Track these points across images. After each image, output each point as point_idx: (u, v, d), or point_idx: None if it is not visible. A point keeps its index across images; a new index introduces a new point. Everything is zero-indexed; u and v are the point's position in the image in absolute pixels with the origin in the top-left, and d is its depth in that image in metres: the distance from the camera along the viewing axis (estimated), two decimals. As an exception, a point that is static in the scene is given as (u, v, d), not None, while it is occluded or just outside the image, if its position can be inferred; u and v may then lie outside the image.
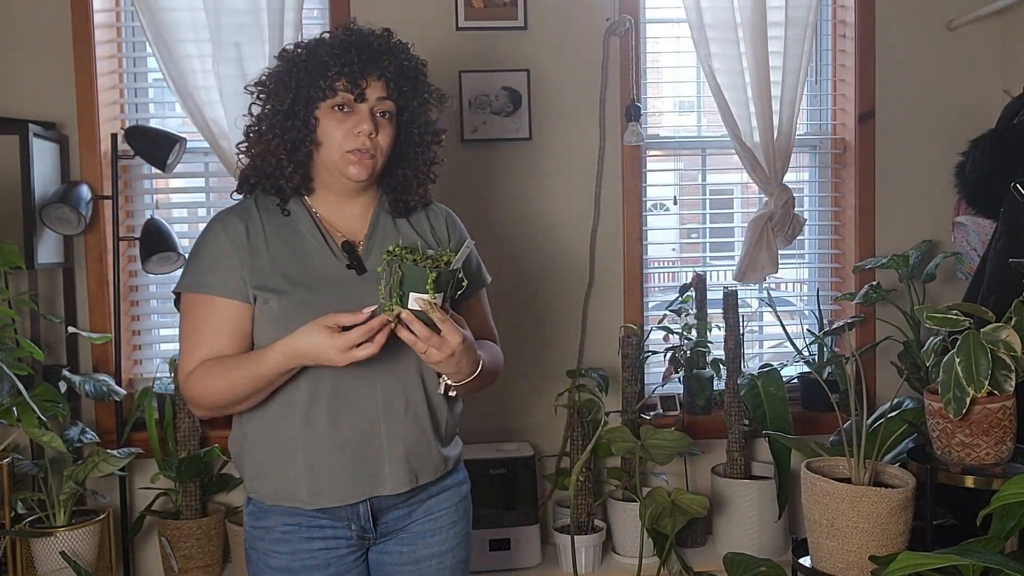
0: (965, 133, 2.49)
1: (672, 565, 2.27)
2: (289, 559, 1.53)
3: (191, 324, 1.52)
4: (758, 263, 2.67)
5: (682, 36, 2.80)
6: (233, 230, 1.51)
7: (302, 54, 1.52)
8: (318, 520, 1.54)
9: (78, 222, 2.46)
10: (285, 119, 1.50)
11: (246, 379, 1.45)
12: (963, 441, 1.84)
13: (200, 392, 1.49)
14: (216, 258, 1.50)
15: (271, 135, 1.51)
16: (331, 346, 1.36)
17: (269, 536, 1.54)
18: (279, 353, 1.42)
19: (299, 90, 1.49)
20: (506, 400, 2.77)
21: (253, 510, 1.58)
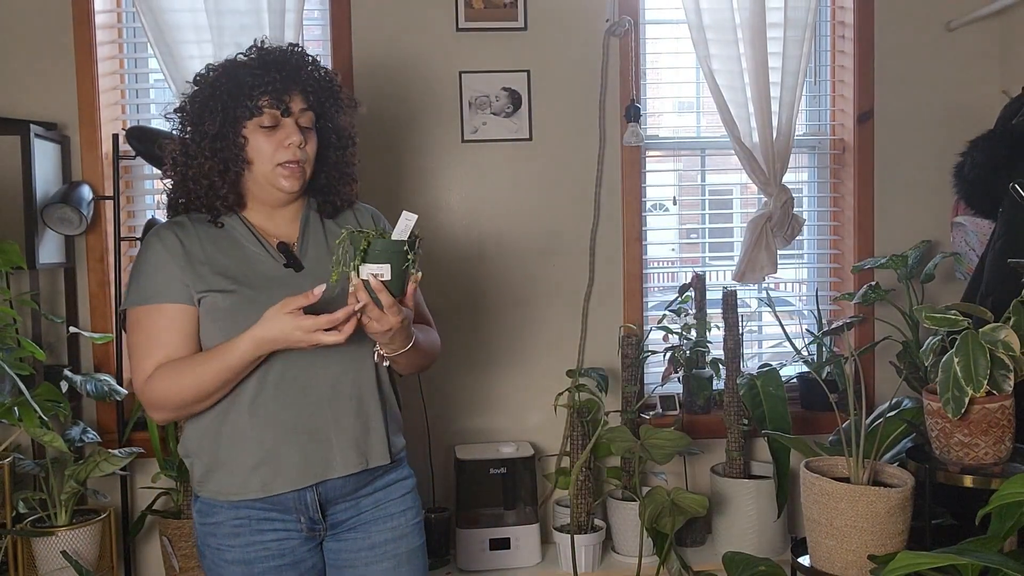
0: (964, 134, 2.49)
1: (672, 564, 2.28)
2: (242, 551, 1.56)
3: (142, 334, 1.55)
4: (757, 263, 2.68)
5: (681, 37, 2.81)
6: (169, 241, 1.56)
7: (220, 77, 1.57)
8: (267, 513, 1.57)
9: (79, 222, 2.46)
10: (214, 141, 1.55)
11: (214, 372, 1.49)
12: (962, 441, 1.85)
13: (163, 394, 1.52)
14: (157, 269, 1.55)
15: (202, 158, 1.56)
16: (296, 327, 1.42)
17: (220, 531, 1.57)
18: (248, 341, 1.46)
19: (225, 112, 1.54)
20: (506, 400, 2.78)
21: (202, 508, 1.60)
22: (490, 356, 2.76)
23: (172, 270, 1.55)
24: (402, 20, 2.68)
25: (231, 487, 1.56)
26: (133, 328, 1.56)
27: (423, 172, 2.72)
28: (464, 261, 2.74)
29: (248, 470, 1.55)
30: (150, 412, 1.57)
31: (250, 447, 1.55)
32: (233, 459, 1.56)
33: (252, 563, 1.56)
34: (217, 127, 1.54)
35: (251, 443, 1.55)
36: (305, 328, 1.42)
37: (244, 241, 1.61)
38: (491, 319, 2.76)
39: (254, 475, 1.55)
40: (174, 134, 1.62)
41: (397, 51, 2.69)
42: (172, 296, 1.54)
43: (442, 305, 2.73)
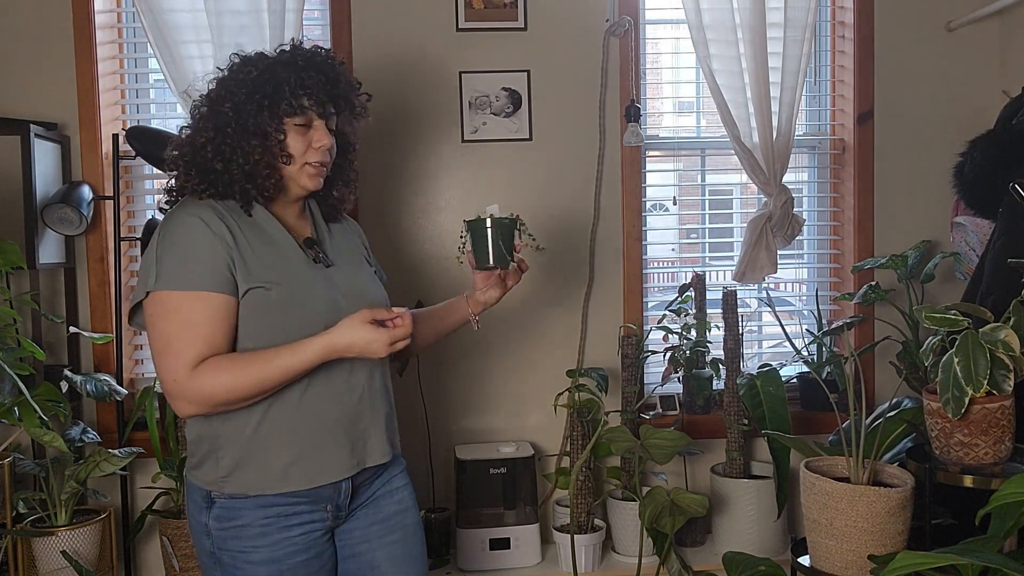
0: (964, 134, 2.49)
1: (672, 564, 2.28)
2: (271, 551, 1.55)
3: (182, 322, 1.48)
4: (757, 263, 2.68)
5: (682, 37, 2.81)
6: (216, 227, 1.52)
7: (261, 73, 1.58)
8: (296, 508, 1.57)
9: (79, 222, 2.46)
10: (259, 135, 1.56)
11: (280, 372, 1.49)
12: (962, 441, 1.85)
13: (214, 388, 1.47)
14: (205, 254, 1.50)
15: (249, 148, 1.56)
16: (375, 339, 1.50)
17: (246, 533, 1.54)
18: (321, 347, 1.50)
19: (271, 108, 1.56)
20: (506, 400, 2.78)
21: (221, 512, 1.55)
22: (490, 356, 2.76)
23: (221, 258, 1.51)
24: (402, 20, 2.69)
25: (266, 481, 1.54)
26: (169, 314, 1.48)
27: (423, 172, 2.72)
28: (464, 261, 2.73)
29: (288, 463, 1.55)
30: (183, 404, 1.50)
31: (293, 440, 1.55)
32: (272, 452, 1.55)
33: (281, 560, 1.55)
34: (264, 120, 1.56)
35: (295, 437, 1.56)
36: (384, 342, 1.50)
37: (275, 234, 1.60)
38: (491, 319, 2.75)
39: (296, 468, 1.55)
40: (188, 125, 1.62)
41: (397, 51, 2.69)
42: (220, 286, 1.50)
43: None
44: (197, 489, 1.59)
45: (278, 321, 1.53)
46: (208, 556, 1.58)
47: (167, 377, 1.49)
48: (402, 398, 2.68)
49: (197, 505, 1.59)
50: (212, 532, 1.56)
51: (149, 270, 1.51)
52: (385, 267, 2.70)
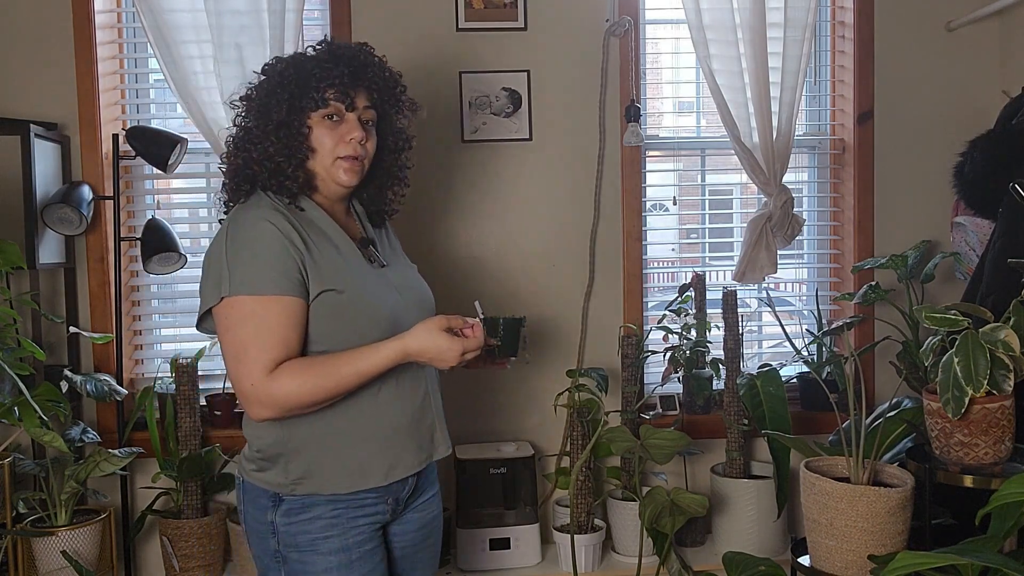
0: (964, 134, 2.49)
1: (672, 564, 2.28)
2: (341, 540, 1.57)
3: (259, 326, 1.47)
4: (757, 263, 2.68)
5: (682, 37, 2.81)
6: (285, 229, 1.52)
7: (288, 68, 1.61)
8: (361, 501, 1.59)
9: (79, 222, 2.46)
10: (278, 128, 1.57)
11: (356, 374, 1.51)
12: (962, 441, 1.85)
13: (294, 392, 1.48)
14: (276, 256, 1.50)
15: (267, 143, 1.57)
16: (449, 348, 1.52)
17: (315, 525, 1.56)
18: (393, 351, 1.52)
19: (291, 101, 1.57)
20: (506, 400, 2.78)
21: (290, 508, 1.57)
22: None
23: (293, 261, 1.51)
24: (402, 20, 2.69)
25: (342, 481, 1.57)
26: (245, 318, 1.48)
27: (423, 172, 2.72)
28: (464, 261, 2.74)
29: (364, 461, 1.58)
30: (259, 409, 1.49)
31: (369, 440, 1.58)
32: (348, 453, 1.57)
33: (351, 549, 1.58)
34: (283, 115, 1.57)
35: (370, 436, 1.58)
36: (457, 351, 1.52)
37: (334, 235, 1.61)
38: (491, 319, 2.76)
39: (372, 465, 1.58)
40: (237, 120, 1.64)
41: (397, 51, 2.67)
42: (293, 289, 1.50)
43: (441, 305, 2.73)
44: (260, 491, 1.59)
45: (348, 323, 1.54)
46: (271, 556, 1.59)
47: (244, 382, 1.48)
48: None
49: (259, 506, 1.59)
50: (279, 529, 1.57)
51: (220, 274, 1.50)
52: (385, 267, 2.72)
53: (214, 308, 1.52)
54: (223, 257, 1.51)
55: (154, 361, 2.76)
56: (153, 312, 2.80)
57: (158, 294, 2.79)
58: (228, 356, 1.51)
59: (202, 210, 2.86)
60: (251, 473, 1.61)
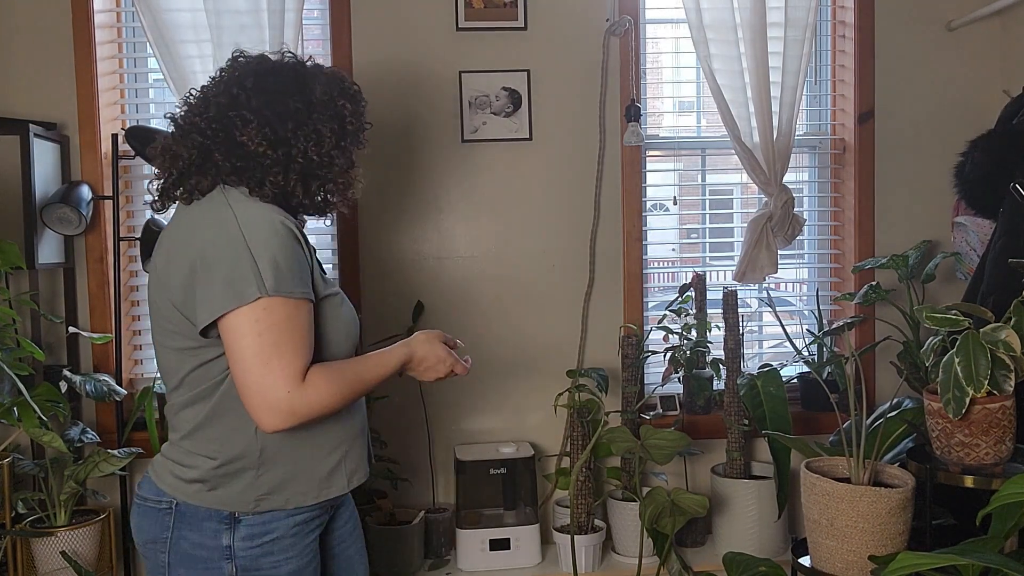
0: (964, 133, 2.49)
1: (672, 565, 2.28)
2: (299, 559, 1.53)
3: (296, 330, 1.41)
4: (758, 263, 2.68)
5: (682, 36, 2.81)
6: (301, 235, 1.48)
7: (360, 97, 1.62)
8: (315, 512, 1.56)
9: (79, 222, 2.46)
10: (352, 155, 1.61)
11: (374, 380, 1.53)
12: (962, 441, 1.85)
13: (326, 399, 1.43)
14: (301, 262, 1.46)
15: (349, 165, 1.60)
16: (446, 359, 1.59)
17: (277, 546, 1.50)
18: (403, 356, 1.57)
19: (356, 134, 1.61)
20: (506, 400, 2.77)
21: (250, 531, 1.48)
22: (490, 356, 2.75)
23: (308, 264, 1.48)
24: (402, 20, 2.68)
25: (310, 491, 1.52)
26: (274, 323, 1.38)
27: (423, 172, 2.72)
28: (464, 261, 2.74)
29: (331, 469, 1.55)
30: (285, 419, 1.40)
31: (338, 446, 1.56)
32: (319, 461, 1.53)
33: (305, 568, 1.54)
34: (357, 140, 1.62)
35: (339, 442, 1.56)
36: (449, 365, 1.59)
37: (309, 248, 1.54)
38: (491, 319, 2.76)
39: (339, 472, 1.56)
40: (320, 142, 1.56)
41: (397, 51, 2.69)
42: (308, 291, 1.45)
43: (441, 305, 2.73)
44: (211, 513, 1.47)
45: (336, 331, 1.53)
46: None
47: (279, 391, 1.38)
48: (402, 399, 2.68)
49: (208, 531, 1.47)
50: (238, 554, 1.47)
51: (247, 272, 1.39)
52: (385, 267, 2.72)
53: (240, 310, 1.39)
54: (246, 252, 1.40)
55: (153, 361, 2.74)
56: (153, 312, 2.79)
57: (158, 294, 2.78)
58: (255, 360, 1.38)
59: (202, 210, 2.86)
60: (197, 494, 1.47)
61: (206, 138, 1.49)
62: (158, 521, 1.49)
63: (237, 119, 1.49)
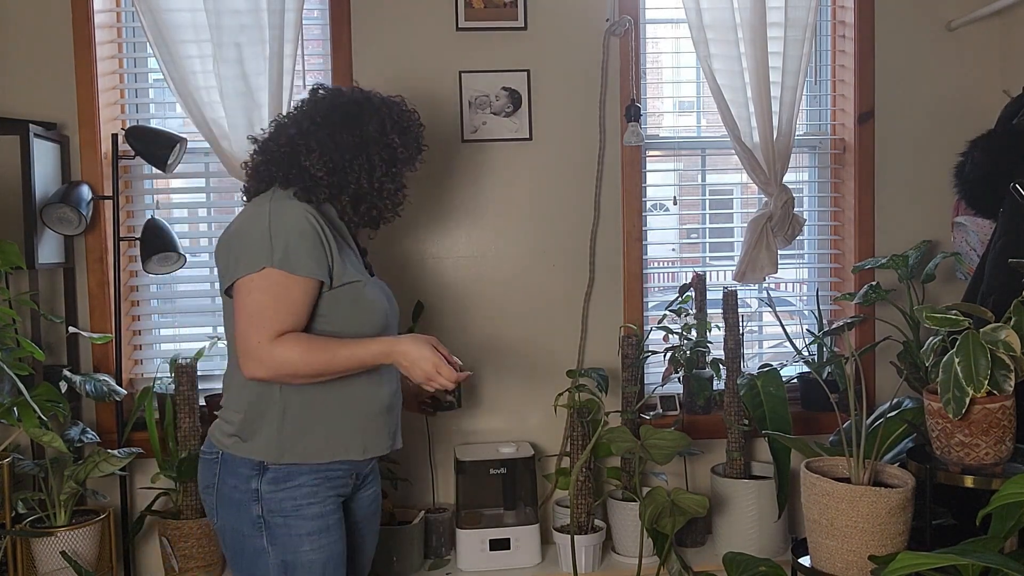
0: (964, 133, 2.49)
1: (672, 565, 2.28)
2: (320, 506, 1.75)
3: (276, 297, 1.66)
4: (758, 263, 2.67)
5: (682, 36, 2.81)
6: (319, 222, 1.72)
7: (411, 140, 1.88)
8: (335, 472, 1.78)
9: (79, 222, 2.46)
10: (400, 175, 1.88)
11: (345, 360, 1.69)
12: (962, 441, 1.85)
13: (287, 359, 1.65)
14: (311, 243, 1.69)
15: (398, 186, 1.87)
16: (429, 359, 1.71)
17: (299, 492, 1.73)
18: (384, 345, 1.72)
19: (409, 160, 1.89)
20: (506, 400, 2.77)
21: (276, 476, 1.73)
22: (490, 356, 2.75)
23: (323, 249, 1.71)
24: (402, 20, 2.68)
25: (326, 450, 1.75)
26: (270, 287, 1.66)
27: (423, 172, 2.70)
28: (464, 260, 2.74)
29: (347, 436, 1.77)
30: (255, 366, 1.66)
31: (354, 417, 1.78)
32: (335, 426, 1.76)
33: (327, 516, 1.76)
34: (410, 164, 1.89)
35: (356, 414, 1.78)
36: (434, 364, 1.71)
37: (344, 234, 1.84)
38: (491, 319, 2.76)
39: (354, 441, 1.78)
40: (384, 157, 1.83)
41: (397, 51, 2.69)
42: (318, 272, 1.70)
43: (441, 305, 2.73)
44: (245, 461, 1.73)
45: (360, 312, 1.77)
46: (252, 524, 1.73)
47: (251, 340, 1.65)
48: (402, 398, 2.67)
49: (243, 476, 1.73)
50: (264, 496, 1.72)
51: (263, 247, 1.66)
52: (385, 267, 2.71)
53: (249, 276, 1.67)
54: (267, 234, 1.68)
55: (153, 361, 2.75)
56: (152, 312, 2.80)
57: (157, 294, 2.79)
58: (243, 314, 1.67)
59: (201, 210, 2.86)
60: (234, 445, 1.75)
61: (275, 157, 1.80)
62: (210, 469, 1.79)
63: (304, 147, 1.77)
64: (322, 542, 1.75)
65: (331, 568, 1.77)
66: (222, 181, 2.76)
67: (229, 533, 1.77)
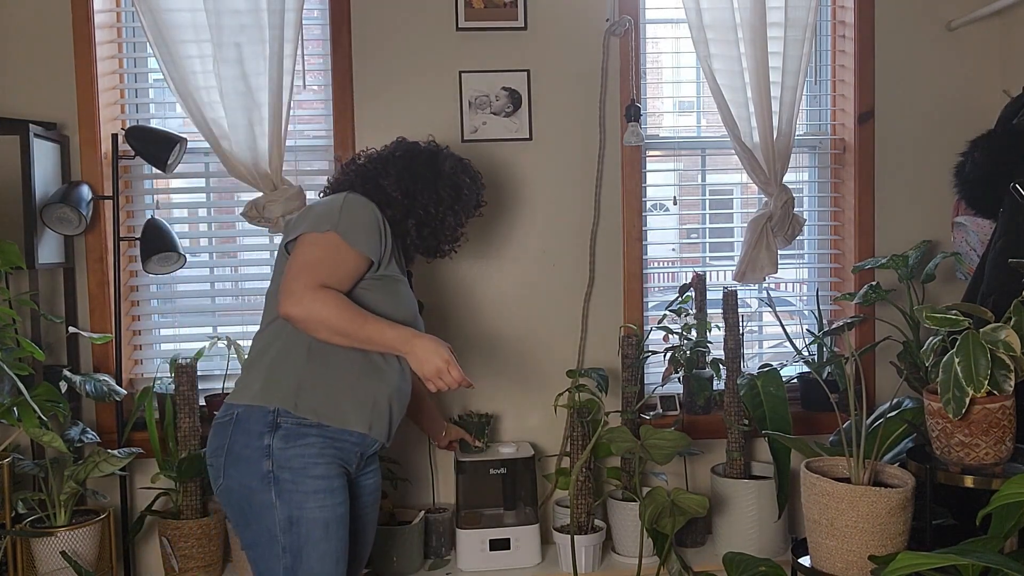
0: (964, 133, 2.49)
1: (672, 565, 2.28)
2: (327, 467, 1.83)
3: (329, 257, 1.82)
4: (758, 263, 2.67)
5: (682, 36, 2.81)
6: (381, 216, 1.92)
7: (477, 187, 2.16)
8: (342, 441, 1.86)
9: (79, 222, 2.46)
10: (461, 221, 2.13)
11: (368, 332, 1.81)
12: (962, 441, 1.85)
13: (324, 306, 1.77)
14: (374, 228, 1.88)
15: (457, 224, 2.11)
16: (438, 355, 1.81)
17: (308, 452, 1.81)
18: (407, 333, 1.83)
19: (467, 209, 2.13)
20: (506, 400, 2.77)
21: (287, 434, 1.80)
22: (490, 356, 2.75)
23: (382, 236, 1.89)
24: (402, 20, 2.68)
25: (338, 415, 1.84)
26: (329, 247, 1.82)
27: (423, 172, 2.71)
28: (464, 261, 2.74)
29: (361, 407, 1.87)
30: (290, 305, 1.77)
31: (371, 392, 1.88)
32: (355, 394, 1.86)
33: (332, 478, 1.83)
34: (469, 209, 2.13)
35: (374, 389, 1.88)
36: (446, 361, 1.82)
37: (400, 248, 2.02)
38: (491, 319, 2.76)
39: (365, 414, 1.88)
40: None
41: (397, 51, 2.69)
42: (371, 251, 1.86)
43: (441, 305, 2.73)
44: (259, 417, 1.81)
45: (392, 301, 1.91)
46: (261, 479, 1.79)
47: (299, 282, 1.78)
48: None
49: (255, 433, 1.80)
50: (275, 451, 1.79)
51: (333, 217, 1.84)
52: (385, 267, 2.72)
53: (313, 233, 1.83)
54: (339, 209, 1.86)
55: (153, 361, 2.75)
56: (152, 312, 2.80)
57: (157, 294, 2.79)
58: (297, 261, 1.81)
59: (201, 210, 2.86)
60: (252, 396, 1.83)
61: (356, 174, 2.03)
62: (222, 432, 1.85)
63: (383, 170, 2.01)
64: (326, 502, 1.81)
65: (333, 528, 1.82)
66: (222, 181, 2.76)
67: (237, 490, 1.81)
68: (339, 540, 1.84)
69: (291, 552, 1.79)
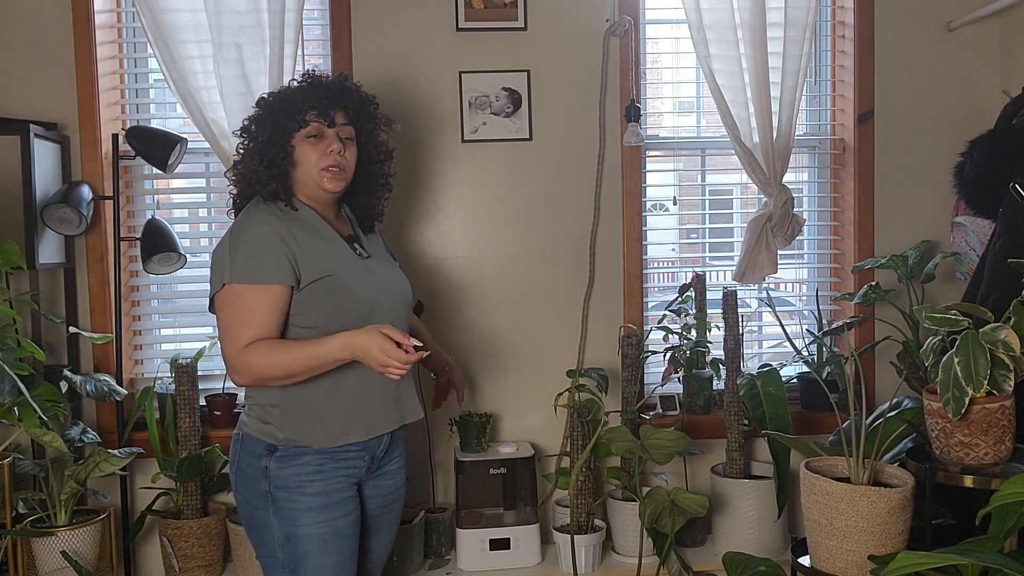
0: (964, 133, 2.49)
1: (672, 564, 2.28)
2: (324, 484, 1.81)
3: (243, 308, 1.75)
4: (757, 263, 2.68)
5: (682, 37, 2.81)
6: (276, 226, 1.79)
7: (275, 99, 1.88)
8: (343, 455, 1.84)
9: (79, 222, 2.46)
10: (266, 147, 1.84)
11: (305, 359, 1.74)
12: (962, 441, 1.85)
13: (255, 365, 1.73)
14: (265, 251, 1.76)
15: (255, 161, 1.85)
16: (379, 347, 1.68)
17: (304, 471, 1.80)
18: (341, 341, 1.72)
19: (276, 125, 1.84)
20: (506, 400, 2.78)
21: (283, 455, 1.80)
22: (490, 356, 2.76)
23: (282, 254, 1.77)
24: (402, 20, 2.68)
25: (329, 436, 1.81)
26: (233, 301, 1.75)
27: (423, 172, 2.72)
28: (464, 261, 2.74)
29: (346, 420, 1.82)
30: (234, 376, 1.77)
31: (348, 401, 1.82)
32: (330, 413, 1.81)
33: (330, 494, 1.82)
34: (268, 135, 1.84)
35: (349, 397, 1.82)
36: (384, 352, 1.67)
37: (322, 230, 1.86)
38: (491, 319, 2.76)
39: (354, 423, 1.83)
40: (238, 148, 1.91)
41: (397, 51, 2.69)
42: (279, 278, 1.76)
43: (442, 305, 2.73)
44: (257, 441, 1.82)
45: (334, 306, 1.79)
46: (261, 497, 1.81)
47: (226, 352, 1.76)
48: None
49: (255, 454, 1.83)
50: (271, 472, 1.80)
51: (224, 265, 1.77)
52: (385, 267, 2.72)
53: (217, 294, 1.79)
54: (227, 252, 1.78)
55: (154, 361, 2.76)
56: (153, 312, 2.80)
57: (158, 294, 2.79)
58: (220, 328, 1.78)
59: (202, 210, 2.86)
60: (252, 427, 1.84)
61: (236, 180, 1.92)
62: (233, 448, 1.89)
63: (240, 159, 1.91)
64: (321, 518, 1.81)
65: (333, 542, 1.82)
66: (222, 181, 2.73)
67: (244, 506, 1.86)
68: (340, 553, 1.83)
69: (289, 568, 1.82)
